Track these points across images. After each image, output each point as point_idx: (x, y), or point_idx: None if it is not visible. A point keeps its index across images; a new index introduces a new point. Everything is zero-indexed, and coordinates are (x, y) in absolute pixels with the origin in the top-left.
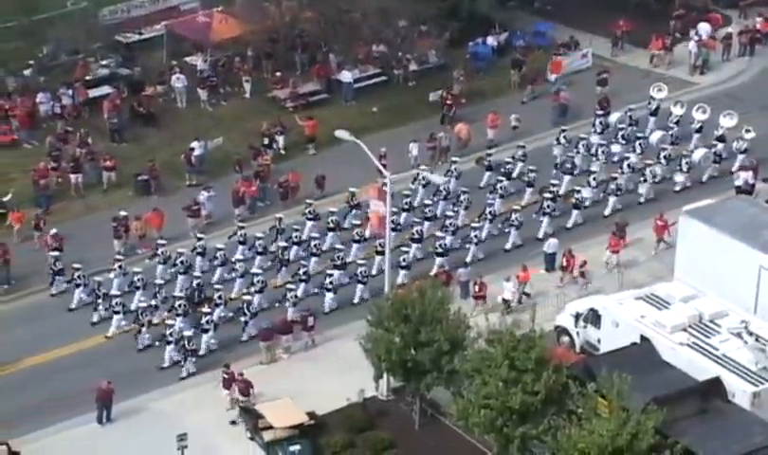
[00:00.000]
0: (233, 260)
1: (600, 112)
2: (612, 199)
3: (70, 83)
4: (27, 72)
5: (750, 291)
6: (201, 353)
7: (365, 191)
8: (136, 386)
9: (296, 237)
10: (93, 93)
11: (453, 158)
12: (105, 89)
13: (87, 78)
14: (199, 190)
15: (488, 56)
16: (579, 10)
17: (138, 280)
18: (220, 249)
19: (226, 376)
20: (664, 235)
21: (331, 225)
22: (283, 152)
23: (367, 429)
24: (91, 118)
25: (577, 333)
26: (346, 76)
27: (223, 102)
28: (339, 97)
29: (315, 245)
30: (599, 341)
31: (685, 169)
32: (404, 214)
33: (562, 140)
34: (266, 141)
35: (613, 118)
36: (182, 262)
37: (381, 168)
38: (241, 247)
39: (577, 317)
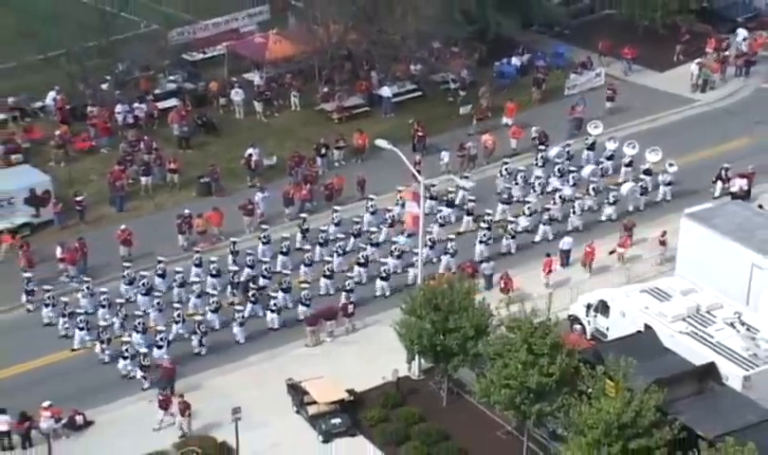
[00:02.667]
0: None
1: (541, 147)
2: (542, 227)
3: (142, 96)
4: (104, 86)
5: (743, 286)
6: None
7: (404, 194)
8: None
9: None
10: (162, 105)
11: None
12: (173, 102)
13: (156, 91)
14: (255, 190)
15: (512, 74)
16: (595, 35)
17: (104, 299)
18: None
19: (161, 398)
20: (592, 261)
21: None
22: (337, 164)
23: (400, 405)
24: (160, 127)
25: (588, 321)
26: (386, 91)
27: (276, 114)
28: (379, 110)
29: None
30: (608, 329)
31: (612, 201)
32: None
33: (504, 172)
34: (323, 151)
35: (553, 152)
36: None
37: (416, 173)
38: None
39: (588, 307)
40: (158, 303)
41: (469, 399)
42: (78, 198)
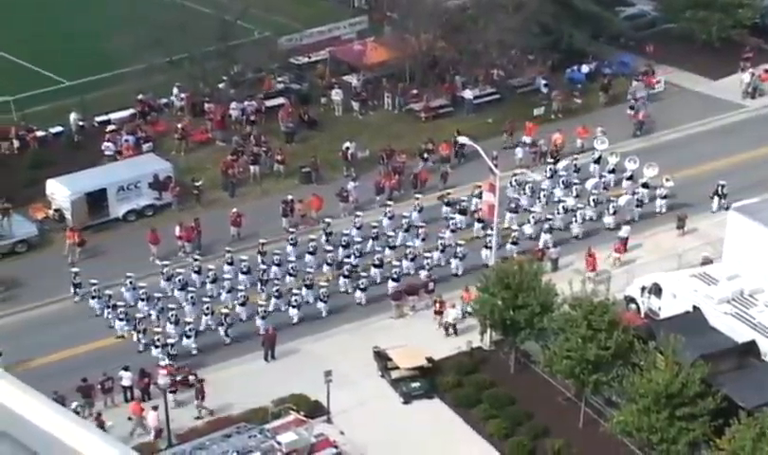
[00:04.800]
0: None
1: (551, 160)
2: (544, 236)
3: (254, 95)
4: (221, 85)
5: None
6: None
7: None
8: None
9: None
10: (270, 103)
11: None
12: (280, 100)
13: (266, 91)
14: (349, 179)
15: (582, 80)
16: (656, 45)
17: (144, 293)
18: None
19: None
20: (595, 266)
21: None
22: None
23: (472, 372)
24: (268, 122)
25: (643, 302)
26: (468, 93)
27: (371, 113)
28: (462, 110)
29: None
30: (660, 309)
31: (611, 211)
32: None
33: (513, 183)
34: (425, 155)
35: (561, 165)
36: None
37: (493, 167)
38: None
39: (643, 289)
40: (192, 297)
41: (534, 368)
42: (195, 184)
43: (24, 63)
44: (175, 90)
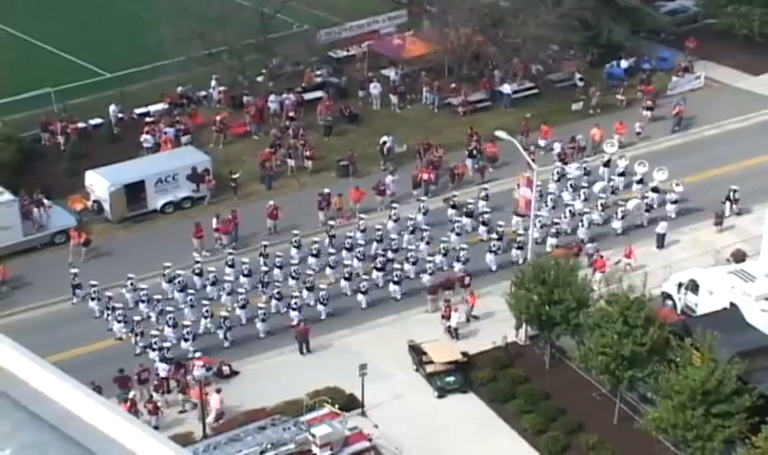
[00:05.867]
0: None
1: (559, 163)
2: (549, 240)
3: (292, 88)
4: (259, 78)
5: None
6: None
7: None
8: None
9: (410, 226)
10: (309, 96)
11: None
12: (318, 94)
13: (304, 84)
14: (387, 173)
15: (621, 75)
16: (697, 40)
17: (144, 294)
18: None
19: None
20: (604, 270)
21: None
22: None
23: (507, 367)
24: (306, 115)
25: (679, 298)
26: (506, 88)
27: (408, 106)
28: (500, 104)
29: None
30: (696, 305)
31: (620, 216)
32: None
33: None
34: (474, 153)
35: (570, 168)
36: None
37: (530, 161)
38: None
39: (680, 285)
40: (191, 300)
41: (569, 364)
42: (233, 176)
43: (65, 54)
44: (214, 82)
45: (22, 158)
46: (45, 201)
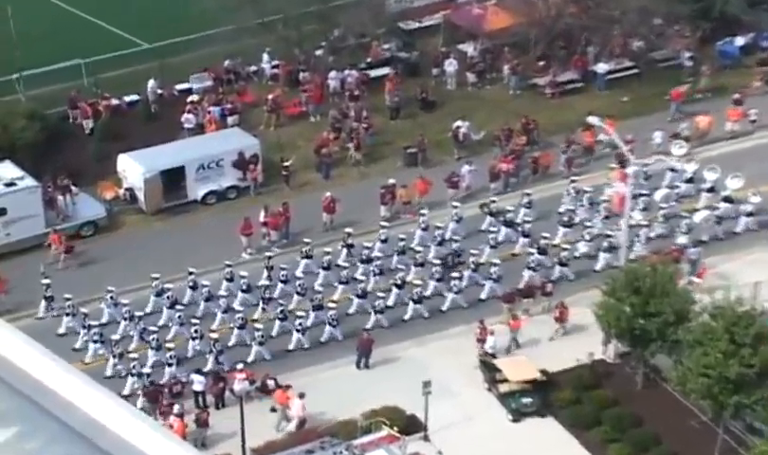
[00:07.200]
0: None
1: (614, 165)
2: (603, 255)
3: (355, 64)
4: (318, 52)
5: None
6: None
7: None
8: None
9: (437, 237)
10: (374, 73)
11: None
12: (385, 71)
13: (369, 60)
14: (462, 163)
15: (735, 54)
16: None
17: (126, 311)
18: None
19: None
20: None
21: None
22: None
23: (593, 388)
24: (370, 95)
25: None
26: (601, 67)
27: (488, 87)
28: (593, 86)
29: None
30: None
31: (684, 230)
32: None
33: (571, 191)
34: (572, 147)
35: (630, 171)
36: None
37: (627, 152)
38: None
39: None
40: (180, 317)
41: (665, 386)
42: (285, 163)
43: (98, 21)
44: (266, 56)
45: (47, 139)
46: (73, 188)
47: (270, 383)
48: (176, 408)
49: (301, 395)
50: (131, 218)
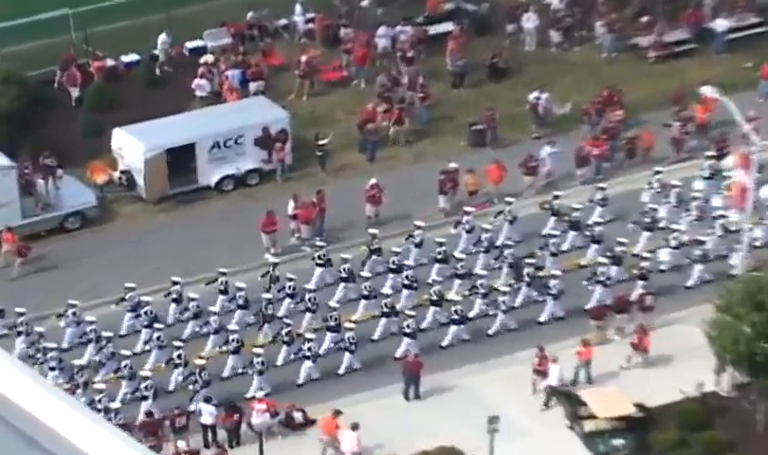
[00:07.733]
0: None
1: (712, 153)
2: (697, 267)
3: (410, 18)
4: (364, 3)
5: None
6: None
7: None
8: None
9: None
10: (433, 30)
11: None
12: (447, 27)
13: (428, 13)
14: (542, 144)
15: None
16: None
17: (91, 330)
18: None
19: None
20: None
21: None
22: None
23: (703, 428)
24: (428, 58)
25: None
26: (721, 24)
27: (576, 47)
28: (709, 48)
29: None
30: None
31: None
32: None
33: (655, 185)
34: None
35: (729, 161)
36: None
37: (750, 132)
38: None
39: None
40: (159, 338)
41: None
42: (320, 142)
43: None
44: (299, 8)
45: (25, 107)
46: (57, 170)
47: (297, 416)
48: (181, 444)
49: (355, 426)
50: (127, 208)
